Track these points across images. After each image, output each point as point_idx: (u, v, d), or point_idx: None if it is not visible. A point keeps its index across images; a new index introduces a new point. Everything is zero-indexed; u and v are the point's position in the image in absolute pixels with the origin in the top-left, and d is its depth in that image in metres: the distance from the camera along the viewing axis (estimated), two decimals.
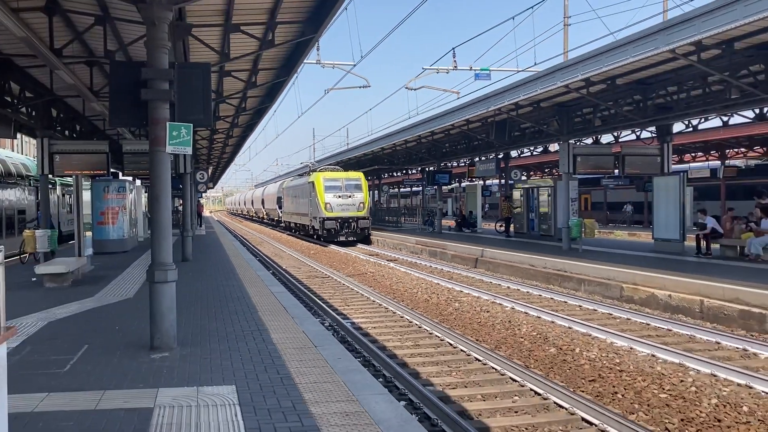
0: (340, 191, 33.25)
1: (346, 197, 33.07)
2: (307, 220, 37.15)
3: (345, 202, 32.90)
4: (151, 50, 7.43)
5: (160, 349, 7.35)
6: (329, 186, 33.48)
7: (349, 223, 32.82)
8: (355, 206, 33.00)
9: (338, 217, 32.65)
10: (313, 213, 34.61)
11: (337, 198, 32.97)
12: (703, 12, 12.24)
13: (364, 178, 34.91)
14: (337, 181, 33.80)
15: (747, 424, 6.66)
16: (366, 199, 33.65)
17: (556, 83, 17.04)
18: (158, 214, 7.50)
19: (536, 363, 9.40)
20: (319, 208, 33.17)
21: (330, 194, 33.09)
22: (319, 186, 33.50)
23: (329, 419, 5.02)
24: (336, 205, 32.79)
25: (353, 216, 32.90)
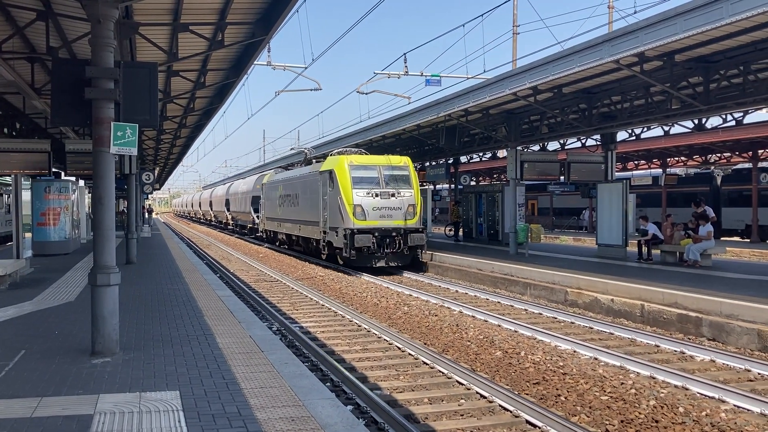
0: (376, 186, 21.09)
1: (387, 196, 20.94)
2: (314, 231, 24.02)
3: (386, 204, 20.85)
4: (96, 48, 7.26)
5: (102, 354, 7.17)
6: (360, 177, 21.10)
7: (393, 238, 20.54)
8: (401, 211, 20.85)
9: (376, 229, 20.39)
10: (331, 221, 21.82)
11: (374, 198, 20.84)
12: (646, 25, 12.64)
13: (412, 164, 22.50)
14: (371, 170, 21.44)
15: (683, 425, 6.88)
16: (418, 198, 21.36)
17: (505, 90, 17.33)
18: (101, 216, 7.32)
19: (482, 366, 9.52)
20: (342, 213, 20.75)
21: (361, 191, 20.82)
22: (344, 177, 21.03)
23: (275, 424, 4.98)
24: (372, 208, 20.61)
25: (399, 227, 20.68)
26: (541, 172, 21.65)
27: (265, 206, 33.80)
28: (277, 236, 31.85)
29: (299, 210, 26.31)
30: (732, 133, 26.45)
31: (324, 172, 22.68)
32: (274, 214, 31.61)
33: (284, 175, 30.82)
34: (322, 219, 22.71)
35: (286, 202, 28.55)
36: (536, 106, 18.95)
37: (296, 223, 26.97)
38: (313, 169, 25.04)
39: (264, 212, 34.40)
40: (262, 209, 35.15)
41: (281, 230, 30.28)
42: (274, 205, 31.47)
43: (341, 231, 20.79)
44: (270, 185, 32.95)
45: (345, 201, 20.61)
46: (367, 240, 20.04)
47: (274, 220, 31.77)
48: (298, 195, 26.54)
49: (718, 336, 10.79)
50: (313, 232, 24.20)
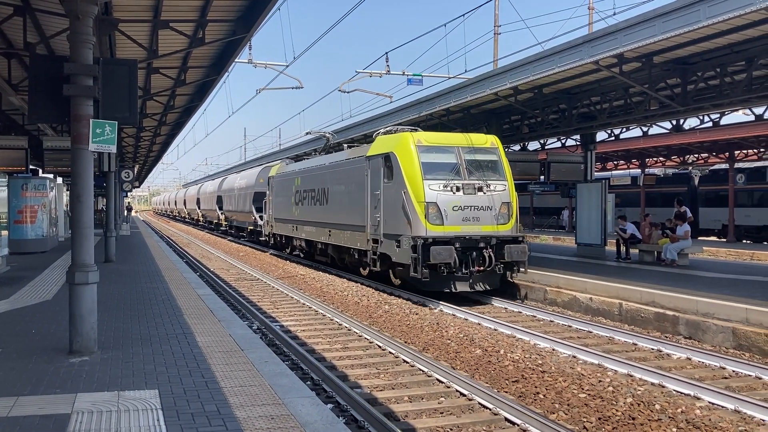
0: (457, 176, 15.09)
1: (473, 190, 14.99)
2: (356, 239, 17.76)
3: (472, 202, 14.92)
4: (75, 45, 7.19)
5: (80, 353, 7.11)
6: (433, 164, 15.14)
7: (480, 251, 14.71)
8: (492, 212, 15.04)
9: (458, 237, 14.56)
10: (389, 226, 15.68)
11: (454, 193, 14.84)
12: (625, 26, 12.77)
13: (501, 145, 16.42)
14: (447, 153, 15.45)
15: (659, 422, 6.97)
16: (513, 194, 15.58)
17: (486, 90, 17.41)
18: (80, 214, 7.26)
19: (462, 364, 9.57)
20: (408, 215, 14.75)
21: (436, 183, 14.82)
22: (410, 162, 15.02)
23: (254, 423, 4.98)
24: (452, 208, 14.73)
25: (489, 234, 14.85)
26: (522, 172, 21.75)
27: (273, 205, 27.35)
28: (291, 242, 25.18)
29: (330, 210, 19.90)
30: (709, 134, 26.80)
31: (375, 158, 16.40)
32: (286, 215, 25.15)
33: (303, 165, 24.11)
34: (372, 222, 16.43)
35: (307, 200, 22.25)
36: (517, 106, 19.06)
37: (323, 227, 20.52)
38: (353, 155, 18.53)
39: (271, 212, 27.74)
40: (267, 208, 28.43)
41: (298, 235, 23.67)
42: (286, 204, 25.15)
43: (406, 240, 14.48)
44: (281, 179, 26.45)
45: (413, 197, 14.47)
46: (447, 254, 13.77)
47: (286, 223, 25.33)
48: (328, 190, 20.13)
49: (695, 334, 10.94)
50: (355, 239, 17.75)
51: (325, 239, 20.66)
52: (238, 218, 37.80)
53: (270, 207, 28.15)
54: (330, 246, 20.67)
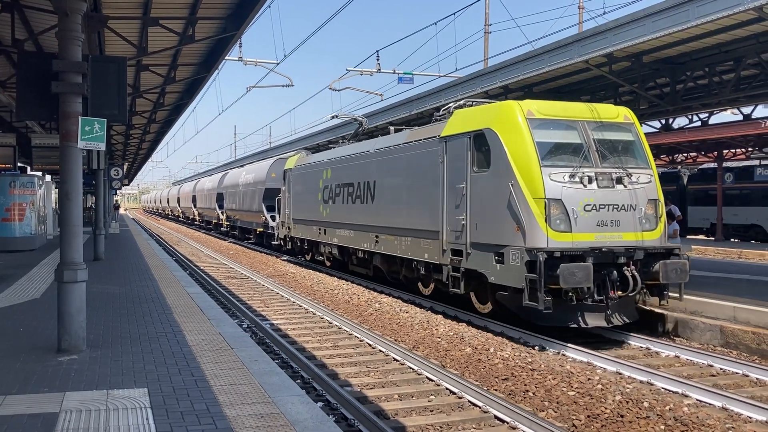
0: (586, 162, 10.87)
1: (609, 182, 10.81)
2: (423, 248, 13.68)
3: (609, 199, 10.71)
4: (63, 42, 7.15)
5: (68, 352, 7.08)
6: (553, 144, 11.01)
7: (619, 270, 10.46)
8: (637, 213, 10.87)
9: (593, 250, 10.29)
10: (485, 233, 11.43)
11: (585, 186, 10.62)
12: (615, 26, 12.83)
13: (636, 119, 12.15)
14: (569, 129, 11.22)
15: (647, 419, 7.02)
16: (659, 190, 11.46)
17: (476, 89, 17.44)
18: (68, 212, 7.22)
19: (452, 362, 9.60)
20: (520, 216, 10.49)
21: (558, 173, 10.59)
22: (519, 141, 10.85)
23: (244, 421, 4.98)
24: (584, 208, 10.49)
25: (633, 245, 10.66)
26: None
27: (291, 203, 23.18)
28: (317, 248, 21.13)
29: (377, 209, 15.84)
30: (698, 134, 26.96)
31: (456, 138, 12.33)
32: (310, 215, 20.92)
33: (335, 153, 19.68)
34: (451, 227, 12.35)
35: (342, 197, 18.18)
36: None
37: (367, 232, 16.47)
38: (417, 136, 14.17)
39: (288, 212, 23.55)
40: (283, 207, 24.37)
41: (326, 240, 19.46)
42: (310, 202, 20.94)
43: (516, 254, 10.46)
44: (301, 172, 22.25)
45: (526, 192, 10.42)
46: (583, 275, 9.77)
47: (310, 225, 21.02)
48: (375, 184, 16.03)
49: (683, 332, 11.00)
50: (420, 249, 13.72)
51: (368, 246, 16.41)
52: (244, 218, 33.22)
53: (287, 206, 23.72)
54: (377, 256, 16.32)
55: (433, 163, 13.21)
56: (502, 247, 10.89)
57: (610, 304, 10.42)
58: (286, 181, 24.05)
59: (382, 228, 15.60)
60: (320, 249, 20.79)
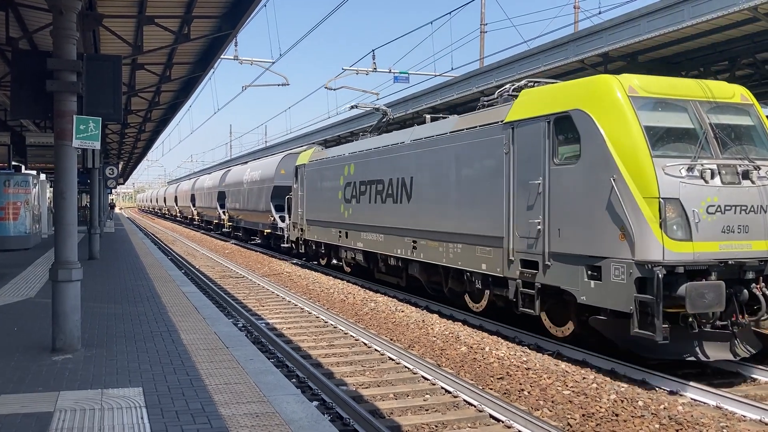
0: (704, 152, 8.70)
1: (734, 176, 8.60)
2: (482, 258, 11.38)
3: (735, 199, 8.52)
4: (58, 40, 7.13)
5: (63, 351, 7.06)
6: (661, 129, 8.80)
7: (748, 287, 8.49)
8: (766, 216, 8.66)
9: (718, 263, 8.26)
10: (570, 239, 9.31)
11: (706, 182, 8.44)
12: (611, 26, 12.89)
13: (756, 101, 9.81)
14: (679, 111, 9.05)
15: (641, 418, 7.04)
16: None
17: (472, 89, 17.49)
18: (63, 211, 7.20)
19: (448, 362, 9.60)
20: (622, 218, 8.44)
21: (674, 165, 8.44)
22: (623, 125, 8.69)
23: (239, 420, 4.97)
24: (706, 209, 8.34)
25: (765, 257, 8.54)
26: None
27: (305, 202, 21.06)
28: (339, 253, 18.82)
29: (415, 209, 13.69)
30: None
31: (530, 123, 10.27)
32: (328, 216, 18.89)
33: (359, 146, 17.52)
34: (521, 232, 10.37)
35: (369, 195, 16.04)
36: None
37: (401, 236, 14.27)
38: (471, 123, 11.96)
39: (301, 212, 21.46)
40: (295, 207, 22.45)
41: (349, 244, 17.34)
42: (328, 201, 18.88)
43: (620, 268, 8.51)
44: (318, 168, 20.17)
45: (634, 189, 8.49)
46: (715, 296, 8.04)
47: (328, 227, 18.94)
48: (412, 180, 13.82)
49: None
50: (475, 259, 11.56)
51: (403, 253, 14.19)
52: (249, 218, 31.05)
53: (299, 205, 21.65)
54: (414, 264, 14.03)
55: (493, 154, 11.00)
56: (598, 259, 8.76)
57: (736, 331, 8.44)
58: (299, 178, 21.86)
59: (421, 232, 13.38)
60: (340, 254, 18.55)
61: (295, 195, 22.47)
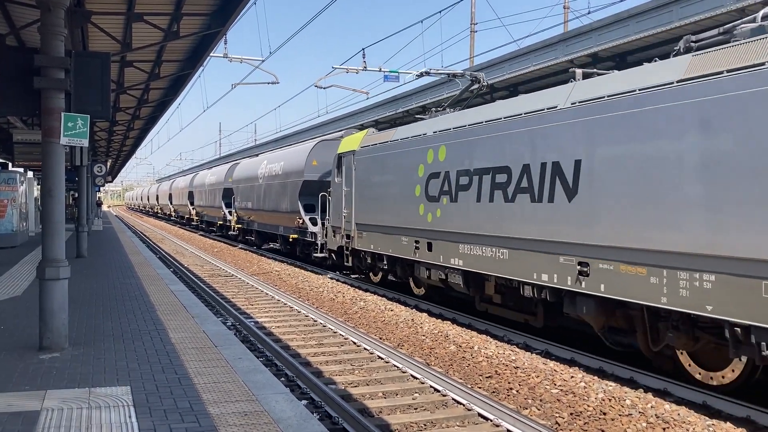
0: None
1: None
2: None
3: None
4: (46, 37, 7.08)
5: (50, 350, 7.02)
6: None
7: None
8: None
9: None
10: None
11: None
12: (600, 26, 12.96)
13: None
14: None
15: (629, 417, 7.08)
16: None
17: (462, 88, 17.48)
18: (51, 208, 7.16)
19: (437, 360, 9.62)
20: None
21: None
22: None
23: (227, 419, 4.96)
24: None
25: None
26: None
27: (354, 201, 16.46)
28: (415, 271, 13.83)
29: (593, 213, 8.80)
30: None
31: None
32: (397, 219, 14.16)
33: (455, 120, 12.55)
34: None
35: (475, 191, 11.44)
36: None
37: (551, 253, 9.53)
38: (716, 66, 7.33)
39: (349, 213, 16.72)
40: (337, 207, 17.60)
41: (440, 261, 12.45)
42: (398, 199, 14.23)
43: None
44: (376, 155, 15.54)
45: None
46: None
47: (397, 234, 14.17)
48: (578, 167, 9.12)
49: None
50: (743, 299, 6.70)
51: (555, 279, 9.40)
52: (265, 220, 26.23)
53: (345, 204, 16.94)
54: (585, 301, 9.01)
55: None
56: None
57: None
58: (343, 169, 17.28)
59: (602, 249, 8.57)
60: (417, 272, 13.56)
61: (336, 191, 17.77)
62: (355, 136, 17.77)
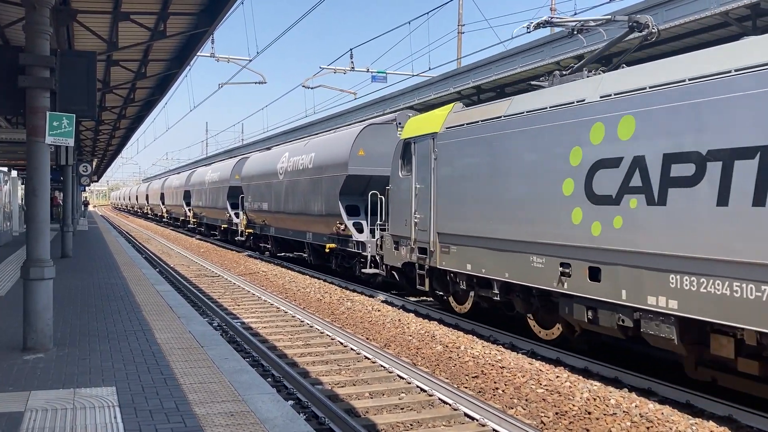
0: None
1: None
2: None
3: None
4: (31, 35, 7.03)
5: (35, 350, 6.98)
6: None
7: None
8: None
9: None
10: None
11: None
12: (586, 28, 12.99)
13: None
14: None
15: (614, 416, 7.14)
16: None
17: (449, 89, 17.57)
18: (35, 208, 7.11)
19: (423, 360, 9.65)
20: None
21: None
22: None
23: (213, 419, 4.96)
24: None
25: None
26: None
27: (435, 202, 12.27)
28: (559, 310, 9.39)
29: None
30: None
31: None
32: (527, 232, 9.84)
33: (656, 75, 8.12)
34: None
35: (746, 188, 6.68)
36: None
37: None
38: None
39: (426, 217, 12.54)
40: (405, 210, 13.33)
41: (621, 299, 8.12)
42: (524, 201, 9.95)
43: None
44: (476, 137, 11.21)
45: None
46: None
47: (521, 253, 9.98)
48: None
49: None
50: None
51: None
52: (288, 225, 21.73)
53: (418, 206, 12.76)
54: None
55: None
56: None
57: None
58: (414, 160, 12.94)
59: None
60: (565, 311, 9.27)
61: (401, 189, 13.46)
62: (430, 116, 13.09)
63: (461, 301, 12.35)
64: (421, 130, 12.91)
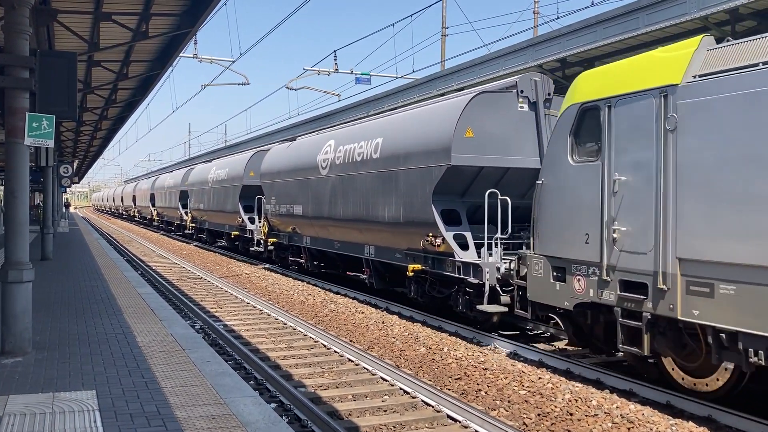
0: None
1: None
2: None
3: None
4: (10, 35, 6.96)
5: (13, 354, 6.90)
6: None
7: None
8: None
9: None
10: None
11: None
12: (568, 31, 13.12)
13: None
14: None
15: (595, 417, 7.18)
16: None
17: (433, 91, 17.61)
18: (14, 210, 7.03)
19: (407, 362, 9.65)
20: None
21: None
22: None
23: (195, 423, 4.93)
24: None
25: None
26: None
27: (681, 209, 6.91)
28: None
29: None
30: None
31: None
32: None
33: None
34: None
35: None
36: None
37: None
38: None
39: (639, 229, 7.46)
40: (604, 218, 7.91)
41: None
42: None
43: None
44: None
45: None
46: None
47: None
48: None
49: None
50: None
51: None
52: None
53: (621, 211, 7.76)
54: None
55: None
56: None
57: None
58: (614, 133, 7.93)
59: None
60: None
61: (571, 184, 8.61)
62: (643, 60, 8.01)
63: (705, 373, 7.50)
64: (627, 84, 7.92)
